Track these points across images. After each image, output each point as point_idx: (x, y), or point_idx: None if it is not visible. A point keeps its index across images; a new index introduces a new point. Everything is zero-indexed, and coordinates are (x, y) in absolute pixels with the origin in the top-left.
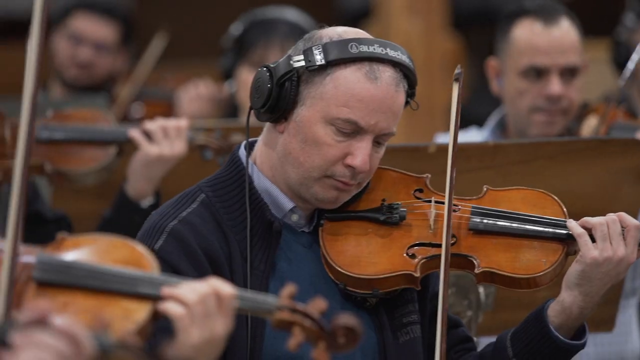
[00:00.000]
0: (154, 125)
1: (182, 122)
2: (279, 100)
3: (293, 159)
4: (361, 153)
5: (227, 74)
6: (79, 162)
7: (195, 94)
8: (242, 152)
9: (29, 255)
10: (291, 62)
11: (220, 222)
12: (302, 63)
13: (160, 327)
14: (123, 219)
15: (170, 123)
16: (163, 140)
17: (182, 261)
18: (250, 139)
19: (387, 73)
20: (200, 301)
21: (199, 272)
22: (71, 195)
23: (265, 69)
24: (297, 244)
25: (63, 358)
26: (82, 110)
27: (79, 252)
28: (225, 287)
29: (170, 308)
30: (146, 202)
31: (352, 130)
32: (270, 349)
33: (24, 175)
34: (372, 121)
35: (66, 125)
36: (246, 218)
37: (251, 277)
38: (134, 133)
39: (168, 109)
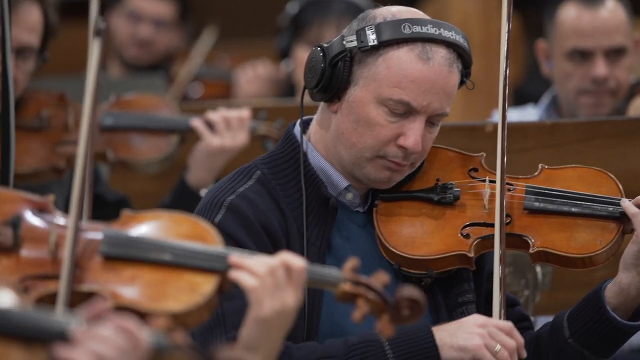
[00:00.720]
0: (217, 115)
1: (244, 113)
2: (332, 80)
3: (345, 139)
4: (413, 134)
5: (284, 53)
6: (141, 152)
7: (253, 75)
8: (296, 129)
9: (95, 232)
10: (344, 42)
11: (276, 199)
12: (355, 43)
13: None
14: (182, 207)
15: (233, 114)
16: (225, 131)
17: (242, 234)
18: (304, 117)
19: (440, 53)
20: (270, 272)
21: (258, 246)
22: (129, 175)
23: (318, 48)
24: (352, 223)
25: (122, 352)
26: (144, 97)
27: (143, 227)
28: (295, 260)
29: (242, 278)
30: (206, 192)
31: (404, 111)
32: (326, 323)
33: (88, 154)
34: (425, 102)
35: (129, 113)
36: (302, 194)
37: (308, 253)
38: (197, 123)
39: (226, 89)
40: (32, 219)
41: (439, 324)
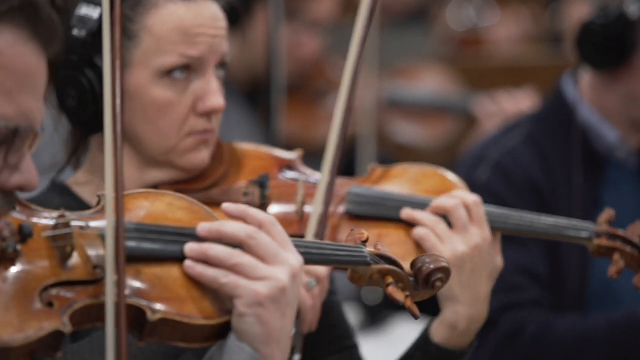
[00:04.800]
0: (500, 105)
1: (526, 103)
2: (617, 52)
3: None
4: None
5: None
6: (421, 135)
7: (505, 38)
8: (566, 86)
9: (342, 188)
10: (626, 12)
11: (544, 154)
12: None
13: None
14: None
15: (522, 104)
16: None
17: (507, 193)
18: (574, 69)
19: None
20: (437, 221)
21: (523, 204)
22: None
23: (595, 19)
24: (622, 180)
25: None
26: (420, 68)
27: (389, 183)
28: (469, 196)
29: (415, 232)
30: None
31: None
32: (596, 284)
33: (347, 111)
34: None
35: (408, 87)
36: (571, 150)
37: (575, 209)
38: (481, 111)
39: (477, 42)
40: (280, 176)
41: None
